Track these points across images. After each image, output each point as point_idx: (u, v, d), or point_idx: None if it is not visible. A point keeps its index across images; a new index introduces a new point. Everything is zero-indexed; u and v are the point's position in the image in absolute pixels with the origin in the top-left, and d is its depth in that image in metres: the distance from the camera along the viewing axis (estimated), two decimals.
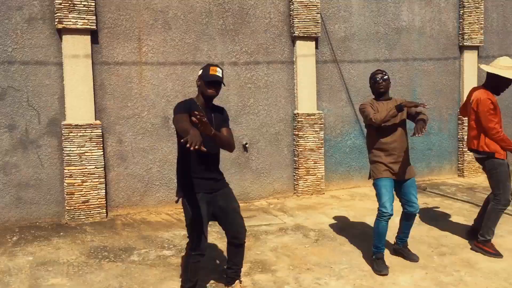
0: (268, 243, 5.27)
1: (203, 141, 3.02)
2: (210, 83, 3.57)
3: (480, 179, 8.63)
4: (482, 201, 6.99)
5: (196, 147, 2.89)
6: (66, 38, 6.02)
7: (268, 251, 5.04)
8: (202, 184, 3.60)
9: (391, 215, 4.43)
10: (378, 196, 4.51)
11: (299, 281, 4.26)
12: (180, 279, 4.05)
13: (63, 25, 5.92)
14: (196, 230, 3.57)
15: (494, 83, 4.85)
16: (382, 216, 4.44)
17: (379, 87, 4.55)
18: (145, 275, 4.39)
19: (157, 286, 4.16)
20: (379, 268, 4.45)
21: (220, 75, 3.59)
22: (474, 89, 5.05)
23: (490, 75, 4.86)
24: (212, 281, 4.24)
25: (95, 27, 6.12)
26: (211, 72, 3.56)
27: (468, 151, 8.66)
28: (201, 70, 3.65)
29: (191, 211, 3.57)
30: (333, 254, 4.95)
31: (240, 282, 3.97)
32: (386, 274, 4.39)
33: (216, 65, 3.64)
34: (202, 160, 3.57)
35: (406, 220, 4.71)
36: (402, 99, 4.69)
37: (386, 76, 4.55)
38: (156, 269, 4.54)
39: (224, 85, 3.74)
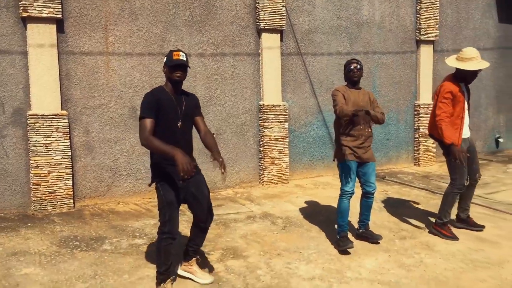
0: (238, 231, 5.42)
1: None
2: (175, 67, 3.66)
3: (434, 168, 9.08)
4: (437, 188, 7.41)
5: (189, 178, 3.44)
6: (31, 27, 5.92)
7: (238, 238, 5.19)
8: (175, 171, 3.67)
9: (353, 193, 4.82)
10: (343, 176, 4.83)
11: (270, 266, 4.43)
12: (155, 265, 4.12)
13: (28, 14, 5.82)
14: (168, 214, 3.72)
15: (460, 75, 5.05)
16: (345, 194, 4.81)
17: (353, 76, 4.82)
18: (119, 263, 4.45)
19: (132, 273, 4.23)
20: (344, 243, 4.73)
21: (184, 59, 3.69)
22: (446, 77, 5.23)
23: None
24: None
25: (60, 16, 6.03)
26: (174, 57, 3.66)
27: (423, 142, 9.13)
28: (165, 58, 3.75)
29: (164, 196, 3.71)
30: (301, 239, 5.15)
31: (198, 259, 4.17)
32: (351, 247, 4.70)
33: (179, 50, 3.73)
34: (175, 147, 3.64)
35: (365, 199, 5.01)
36: (370, 91, 5.00)
37: (360, 66, 4.83)
38: (129, 257, 4.61)
39: (190, 67, 3.84)
